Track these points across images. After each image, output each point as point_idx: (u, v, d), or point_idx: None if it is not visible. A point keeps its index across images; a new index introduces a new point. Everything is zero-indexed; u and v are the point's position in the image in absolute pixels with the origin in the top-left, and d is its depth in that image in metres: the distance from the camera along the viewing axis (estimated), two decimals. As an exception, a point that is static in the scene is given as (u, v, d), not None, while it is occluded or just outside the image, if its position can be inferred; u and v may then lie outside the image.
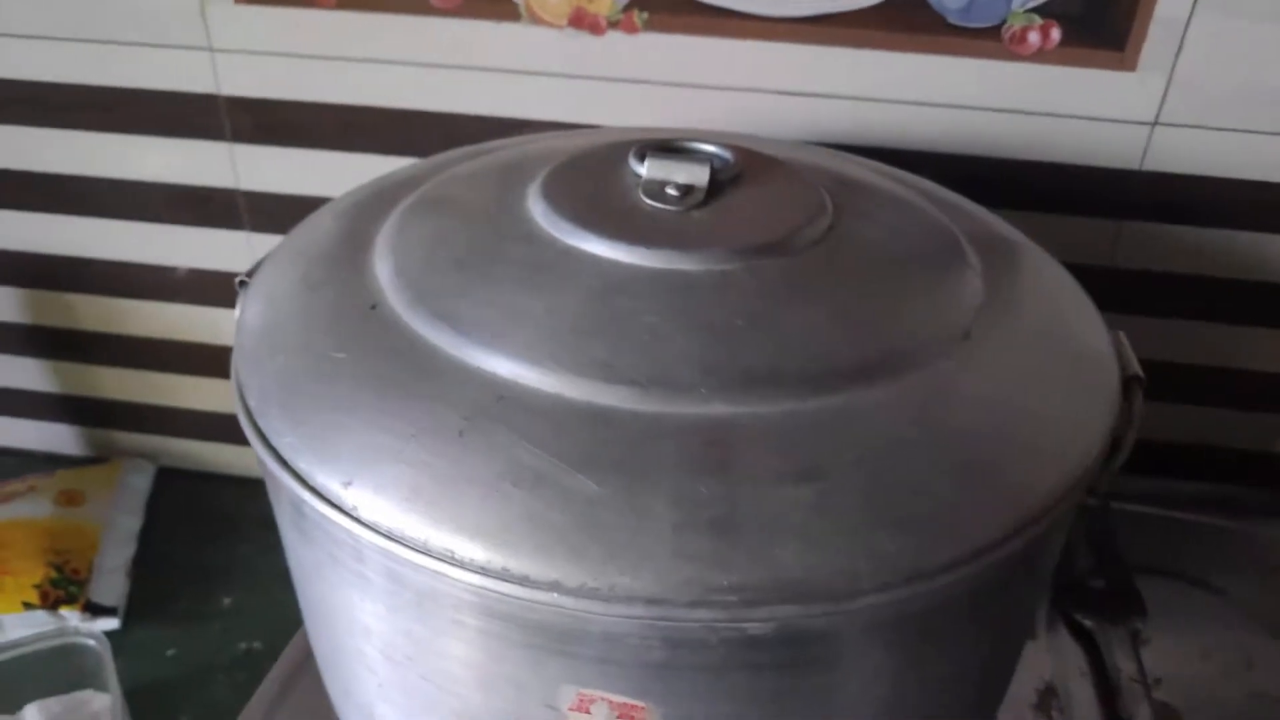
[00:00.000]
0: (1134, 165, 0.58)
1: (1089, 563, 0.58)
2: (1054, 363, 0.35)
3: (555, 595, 0.27)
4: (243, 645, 0.69)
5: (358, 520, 0.29)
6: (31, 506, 0.74)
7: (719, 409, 0.30)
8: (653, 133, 0.43)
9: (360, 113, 0.63)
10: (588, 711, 0.30)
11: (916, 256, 0.38)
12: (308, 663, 0.54)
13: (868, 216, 0.39)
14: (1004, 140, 0.58)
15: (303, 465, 0.30)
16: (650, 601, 0.27)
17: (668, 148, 0.39)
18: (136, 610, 0.70)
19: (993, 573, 0.30)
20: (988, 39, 0.54)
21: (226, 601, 0.72)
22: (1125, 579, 0.56)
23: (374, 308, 0.35)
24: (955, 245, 0.39)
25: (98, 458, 0.84)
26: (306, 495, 0.30)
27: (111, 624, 0.69)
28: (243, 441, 0.84)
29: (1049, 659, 0.53)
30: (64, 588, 0.69)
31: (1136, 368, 0.37)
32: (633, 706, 0.29)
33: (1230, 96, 0.55)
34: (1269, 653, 0.53)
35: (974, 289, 0.36)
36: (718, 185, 0.38)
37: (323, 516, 0.30)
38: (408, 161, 0.49)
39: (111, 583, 0.71)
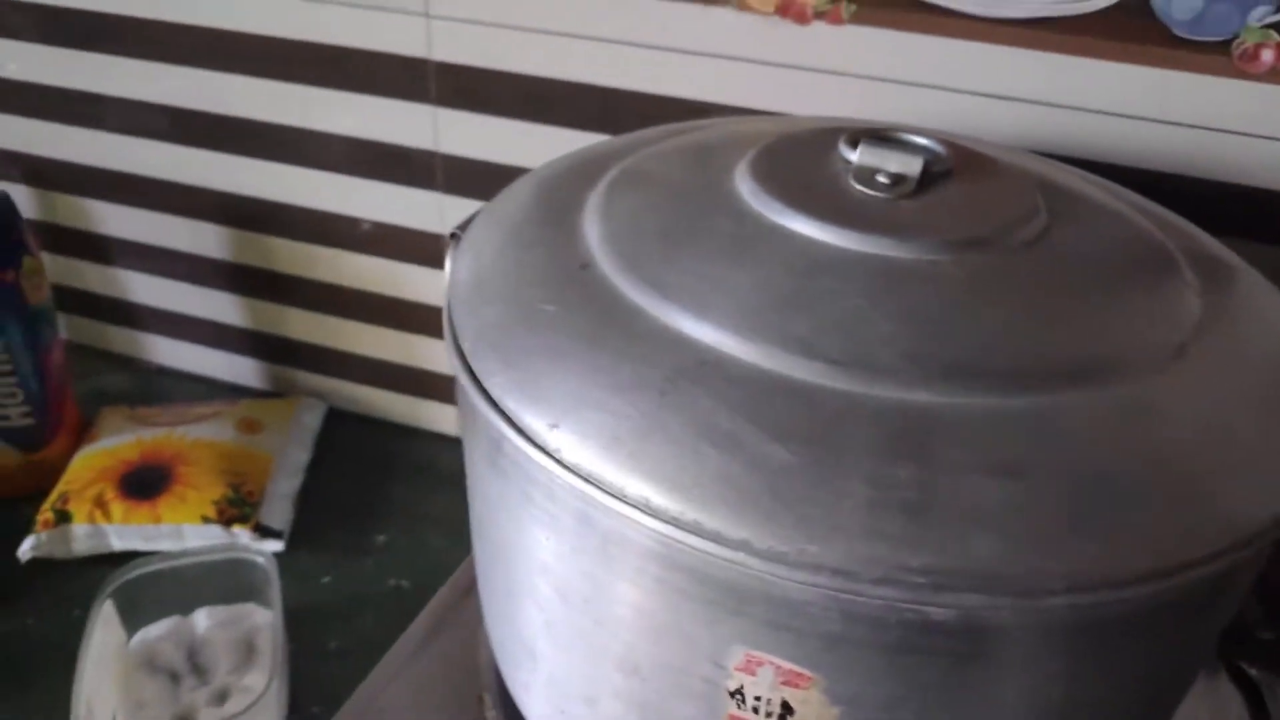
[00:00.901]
0: (1373, 197, 0.54)
1: (1259, 613, 0.55)
2: (1272, 390, 0.33)
3: (743, 555, 0.27)
4: (392, 582, 0.72)
5: (559, 461, 0.30)
6: (215, 429, 0.80)
7: (919, 396, 0.30)
8: (857, 123, 0.43)
9: (559, 86, 0.65)
10: (754, 674, 0.30)
11: (1131, 267, 0.37)
12: (458, 606, 0.57)
13: (1080, 223, 0.38)
14: (1225, 163, 0.55)
15: (510, 404, 0.32)
16: (837, 572, 0.27)
17: (880, 136, 0.39)
18: (299, 538, 0.75)
19: (1185, 593, 0.29)
20: (1216, 54, 0.52)
21: (380, 539, 0.76)
22: (1302, 635, 0.53)
23: (584, 268, 0.36)
24: (1171, 261, 0.38)
25: (275, 392, 0.90)
26: (510, 433, 0.32)
27: (277, 546, 0.73)
28: (406, 391, 0.88)
29: (1207, 706, 0.50)
30: (239, 507, 0.74)
31: (1360, 408, 0.35)
32: (799, 675, 0.30)
33: None
34: None
35: (1190, 306, 0.35)
36: (929, 178, 0.37)
37: (524, 455, 0.31)
38: (599, 137, 0.50)
39: (280, 508, 0.76)
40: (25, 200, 0.85)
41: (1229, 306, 0.36)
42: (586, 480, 0.30)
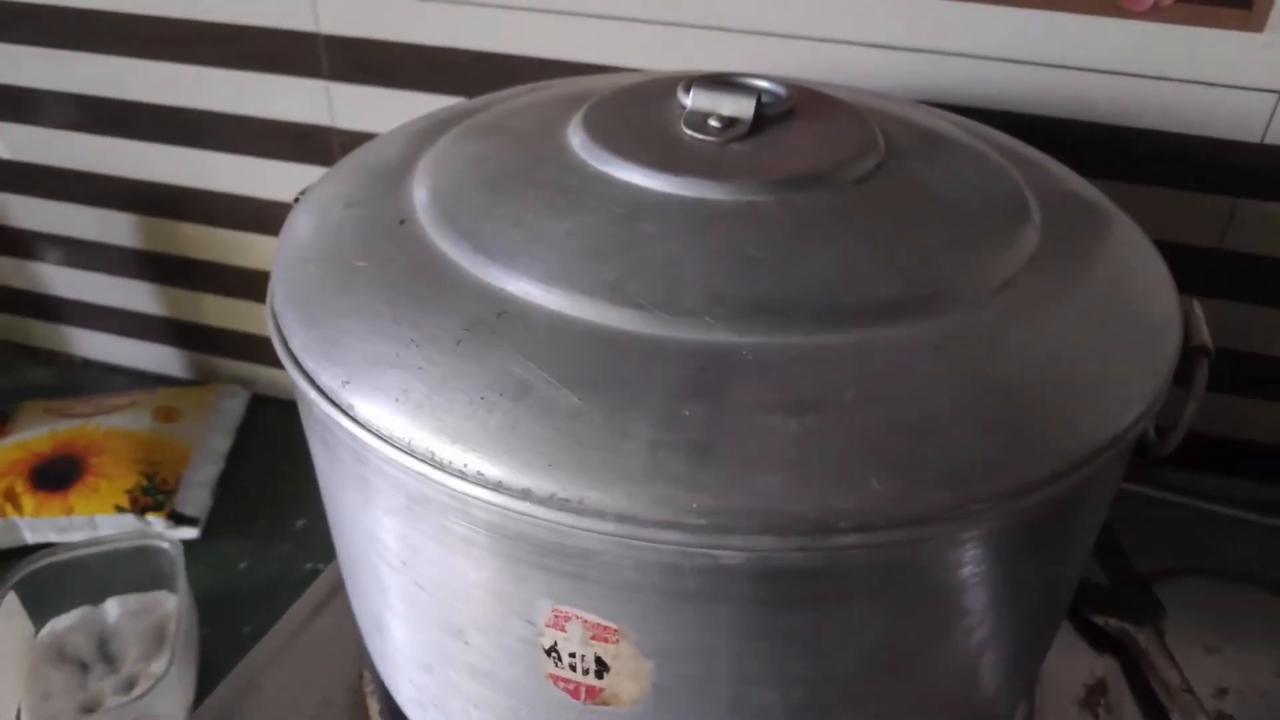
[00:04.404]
0: (1255, 138, 0.53)
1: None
2: (1099, 320, 0.32)
3: (526, 504, 0.26)
4: (309, 565, 0.71)
5: (354, 419, 0.29)
6: (130, 419, 0.79)
7: (721, 337, 0.29)
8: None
9: (445, 54, 0.64)
10: (563, 629, 0.29)
11: (968, 202, 0.35)
12: (341, 586, 0.56)
13: (923, 159, 0.37)
14: (1110, 104, 0.54)
15: (311, 364, 0.31)
16: (620, 518, 0.26)
17: (716, 80, 0.38)
18: (217, 525, 0.74)
19: (999, 532, 0.28)
20: (1097, -8, 0.51)
21: (299, 524, 0.75)
22: (1133, 577, 0.52)
23: (403, 223, 0.35)
24: (1017, 196, 0.37)
25: (198, 381, 0.88)
26: (313, 394, 0.31)
27: (191, 534, 0.72)
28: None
29: (1102, 657, 0.50)
30: (153, 496, 0.73)
31: (1206, 338, 0.34)
32: (606, 628, 0.29)
33: (1369, 64, 0.50)
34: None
35: (1028, 241, 0.34)
36: (765, 120, 0.36)
37: (328, 416, 0.30)
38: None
39: (197, 496, 0.75)
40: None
41: (1072, 241, 0.35)
42: (378, 436, 0.29)
